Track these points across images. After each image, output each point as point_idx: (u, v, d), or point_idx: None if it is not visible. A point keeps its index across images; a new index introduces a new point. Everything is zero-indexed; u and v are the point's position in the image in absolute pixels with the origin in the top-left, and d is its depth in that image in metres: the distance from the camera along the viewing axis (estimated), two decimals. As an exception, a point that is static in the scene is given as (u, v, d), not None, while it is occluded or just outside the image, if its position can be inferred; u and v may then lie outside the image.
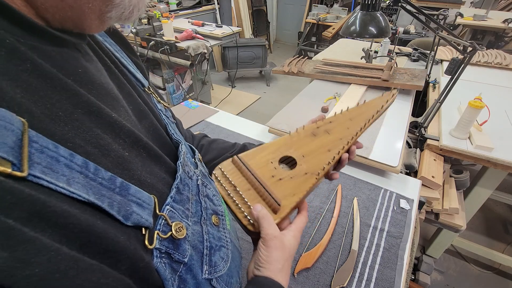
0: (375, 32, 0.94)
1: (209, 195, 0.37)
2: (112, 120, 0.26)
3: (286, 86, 3.71)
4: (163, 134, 0.35)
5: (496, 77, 1.64)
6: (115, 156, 0.24)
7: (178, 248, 0.27)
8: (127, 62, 0.38)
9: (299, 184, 0.43)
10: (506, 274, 1.59)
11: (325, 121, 0.53)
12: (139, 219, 0.24)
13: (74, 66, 0.25)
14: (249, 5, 4.30)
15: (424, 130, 1.19)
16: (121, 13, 0.25)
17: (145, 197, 0.25)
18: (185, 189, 0.32)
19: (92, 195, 0.20)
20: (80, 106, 0.23)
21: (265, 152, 0.48)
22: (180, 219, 0.29)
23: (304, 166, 0.46)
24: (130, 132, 0.27)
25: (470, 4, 3.51)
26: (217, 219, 0.36)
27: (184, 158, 0.35)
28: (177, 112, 1.28)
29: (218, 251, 0.33)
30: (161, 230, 0.26)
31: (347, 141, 0.49)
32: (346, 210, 0.82)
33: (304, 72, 1.47)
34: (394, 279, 0.64)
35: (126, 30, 2.49)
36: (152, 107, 0.36)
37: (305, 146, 0.49)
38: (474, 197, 1.26)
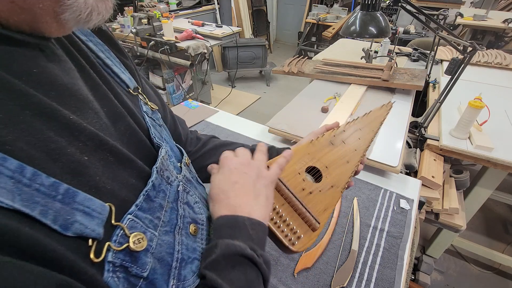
0: (375, 32, 0.94)
1: (189, 202, 0.36)
2: (70, 122, 0.24)
3: (286, 86, 3.72)
4: (141, 138, 0.34)
5: (496, 77, 1.64)
6: (68, 160, 0.23)
7: (137, 261, 0.25)
8: (114, 62, 0.37)
9: (328, 198, 0.45)
10: (506, 274, 1.59)
11: (340, 129, 0.57)
12: (83, 229, 0.22)
13: (28, 67, 0.24)
14: (249, 5, 4.30)
15: (424, 130, 1.19)
16: (78, 16, 0.24)
17: (97, 205, 0.24)
18: (159, 196, 0.30)
19: (18, 202, 0.19)
20: (29, 107, 0.22)
21: (291, 161, 0.48)
22: (143, 230, 0.27)
23: (329, 178, 0.48)
24: (93, 134, 0.26)
25: (470, 4, 3.51)
26: (195, 228, 0.34)
27: (163, 163, 0.33)
28: (177, 112, 1.27)
29: (190, 264, 0.31)
30: (117, 241, 0.24)
31: (362, 153, 0.54)
32: (346, 210, 0.82)
33: (304, 72, 1.47)
34: (394, 279, 0.64)
35: (126, 30, 2.49)
36: (133, 109, 0.34)
37: (326, 156, 0.52)
38: (474, 197, 1.26)
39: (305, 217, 0.41)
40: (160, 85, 2.59)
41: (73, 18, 0.24)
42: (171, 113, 0.54)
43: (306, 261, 0.67)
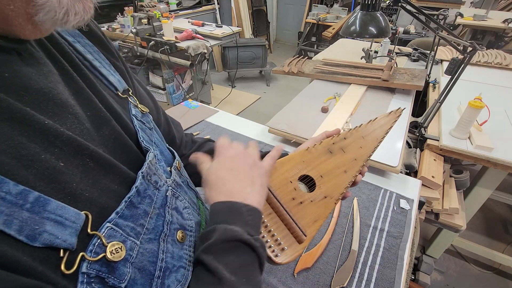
0: (375, 32, 0.94)
1: (178, 207, 0.35)
2: (45, 128, 0.23)
3: (286, 86, 3.72)
4: (127, 142, 0.32)
5: (496, 77, 1.64)
6: (41, 167, 0.22)
7: (114, 271, 0.24)
8: (102, 64, 0.36)
9: (319, 209, 0.43)
10: (506, 274, 1.59)
11: (340, 137, 0.54)
12: (53, 239, 0.21)
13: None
14: (249, 5, 4.30)
15: (424, 130, 1.19)
16: (53, 17, 0.23)
17: (70, 213, 0.23)
18: (144, 202, 0.30)
19: None
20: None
21: (284, 168, 0.46)
22: (123, 238, 0.26)
23: (323, 188, 0.46)
24: (71, 139, 0.25)
25: (470, 4, 3.52)
26: (183, 235, 0.33)
27: (151, 167, 0.32)
28: (177, 112, 1.28)
29: (174, 273, 0.31)
30: (93, 251, 0.24)
31: (362, 163, 0.50)
32: (346, 210, 0.82)
33: (304, 72, 1.47)
34: (394, 279, 0.64)
35: (126, 30, 2.49)
36: (119, 113, 0.33)
37: (322, 164, 0.49)
38: (474, 197, 1.26)
39: (291, 228, 0.39)
40: (160, 85, 2.59)
41: (49, 19, 0.24)
42: (165, 116, 0.53)
43: (306, 261, 0.67)
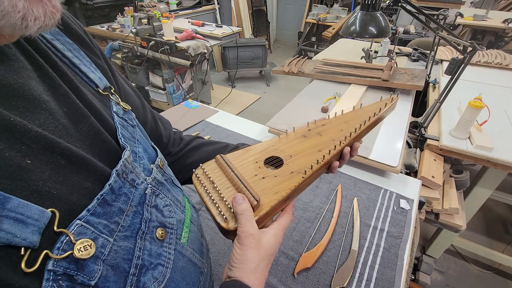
0: (375, 32, 0.94)
1: (158, 205, 0.35)
2: (10, 124, 0.23)
3: (286, 86, 3.72)
4: (106, 139, 0.32)
5: (496, 77, 1.64)
6: (5, 164, 0.22)
7: (83, 269, 0.24)
8: (82, 61, 0.36)
9: (283, 183, 0.42)
10: (506, 274, 1.59)
11: (318, 123, 0.52)
12: (10, 238, 0.21)
13: None
14: (249, 5, 4.30)
15: (424, 130, 1.19)
16: (12, 23, 0.22)
17: (33, 211, 0.22)
18: (119, 199, 0.29)
19: None
20: None
21: (251, 152, 0.47)
22: (94, 236, 0.26)
23: (291, 165, 0.44)
24: (40, 136, 0.25)
25: (470, 4, 3.52)
26: (162, 232, 0.33)
27: (126, 165, 0.32)
28: (177, 112, 1.28)
29: (151, 270, 0.31)
30: (61, 248, 0.23)
31: (340, 141, 0.48)
32: (346, 210, 0.82)
33: (304, 72, 1.47)
34: (394, 279, 0.64)
35: (126, 30, 2.49)
36: (98, 109, 0.33)
37: (294, 147, 0.48)
38: (474, 197, 1.26)
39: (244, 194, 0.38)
40: (160, 85, 2.59)
41: (7, 25, 0.23)
42: (152, 114, 0.53)
43: (306, 261, 0.67)
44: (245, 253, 0.34)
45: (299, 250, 0.70)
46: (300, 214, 0.80)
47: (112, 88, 0.39)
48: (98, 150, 0.31)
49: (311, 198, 0.85)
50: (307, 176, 0.43)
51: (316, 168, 0.44)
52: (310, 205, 0.83)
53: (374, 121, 0.52)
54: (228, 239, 0.38)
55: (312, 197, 0.86)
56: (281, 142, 0.49)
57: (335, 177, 0.93)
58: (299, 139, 0.49)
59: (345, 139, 0.48)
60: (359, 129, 0.50)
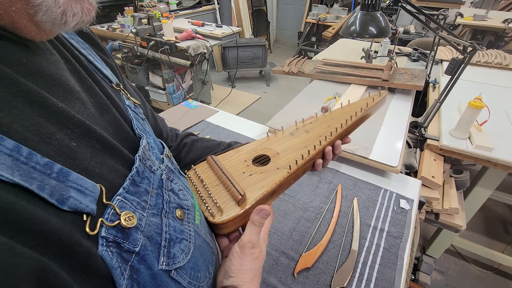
0: (375, 32, 0.94)
1: (174, 189, 0.37)
2: (58, 110, 0.26)
3: (286, 86, 3.72)
4: (125, 129, 0.35)
5: (496, 77, 1.64)
6: (59, 145, 0.25)
7: (128, 237, 0.27)
8: (95, 59, 0.38)
9: (268, 178, 0.43)
10: (506, 274, 1.59)
11: (306, 122, 0.54)
12: (78, 204, 0.24)
13: (18, 57, 0.26)
14: (249, 5, 4.30)
15: (424, 130, 1.19)
16: (52, 17, 0.25)
17: (88, 184, 0.25)
18: (144, 182, 0.32)
19: (18, 177, 0.20)
20: (20, 95, 0.23)
21: (241, 153, 0.49)
22: (132, 210, 0.29)
23: (277, 162, 0.46)
24: (80, 122, 0.27)
25: (470, 4, 3.52)
26: (181, 213, 0.36)
27: (145, 152, 0.35)
28: (177, 112, 1.28)
29: (178, 243, 0.34)
30: (108, 219, 0.26)
31: (325, 137, 0.48)
32: (346, 210, 0.82)
33: (304, 72, 1.47)
34: (394, 279, 0.64)
35: (126, 30, 2.49)
36: (117, 102, 0.36)
37: (282, 145, 0.49)
38: (474, 197, 1.26)
39: (230, 190, 0.41)
40: (160, 85, 2.59)
41: (48, 20, 0.25)
42: (151, 111, 0.56)
43: (306, 261, 0.67)
44: (244, 262, 0.36)
45: (299, 250, 0.70)
46: (300, 214, 0.80)
47: (120, 85, 0.42)
48: (120, 139, 0.33)
49: (311, 198, 0.85)
50: (292, 171, 0.44)
51: (301, 163, 0.45)
52: (310, 205, 0.83)
53: (361, 117, 0.53)
54: (214, 233, 0.41)
55: (312, 197, 0.86)
56: (270, 141, 0.51)
57: (335, 177, 0.93)
58: (287, 137, 0.51)
59: (331, 135, 0.49)
60: (345, 124, 0.50)
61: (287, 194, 0.86)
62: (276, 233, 0.74)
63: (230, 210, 0.40)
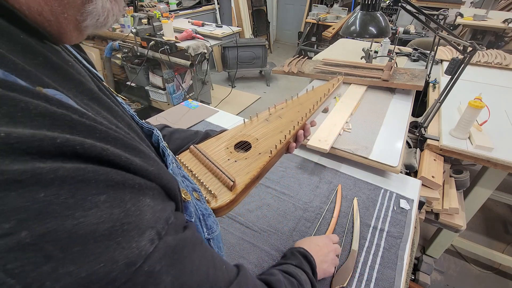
0: (375, 32, 0.94)
1: (185, 175, 0.40)
2: (109, 105, 0.27)
3: (286, 86, 3.72)
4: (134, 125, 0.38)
5: (496, 77, 1.64)
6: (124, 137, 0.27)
7: (187, 209, 0.31)
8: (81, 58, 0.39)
9: (253, 163, 0.47)
10: (506, 274, 1.59)
11: (277, 107, 0.59)
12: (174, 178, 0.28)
13: (67, 59, 0.27)
14: (249, 5, 4.30)
15: (424, 130, 1.19)
16: (96, 20, 0.26)
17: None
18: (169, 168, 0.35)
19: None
20: (85, 93, 0.25)
21: (221, 140, 0.52)
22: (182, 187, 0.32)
23: (258, 147, 0.50)
24: (123, 116, 0.29)
25: (470, 4, 3.52)
26: (197, 195, 0.39)
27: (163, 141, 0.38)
28: (177, 112, 1.28)
29: (208, 218, 0.38)
30: None
31: (297, 122, 0.54)
32: (346, 210, 0.82)
33: (304, 72, 1.47)
34: (394, 279, 0.64)
35: (126, 30, 2.49)
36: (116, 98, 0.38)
37: (259, 131, 0.54)
38: (474, 197, 1.26)
39: (222, 179, 0.44)
40: (160, 85, 2.59)
41: (92, 24, 0.26)
42: None
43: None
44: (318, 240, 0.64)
45: (299, 250, 0.70)
46: (300, 214, 0.80)
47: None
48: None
49: (311, 198, 0.85)
50: (273, 155, 0.49)
51: (280, 147, 0.50)
52: (310, 205, 0.83)
53: (324, 101, 0.61)
54: None
55: (312, 197, 0.86)
56: (247, 127, 0.55)
57: (335, 177, 0.93)
58: (263, 123, 0.56)
59: (302, 119, 0.55)
60: (313, 109, 0.58)
61: (287, 194, 0.86)
62: (276, 233, 0.74)
63: (224, 196, 0.43)
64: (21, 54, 0.20)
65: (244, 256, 0.68)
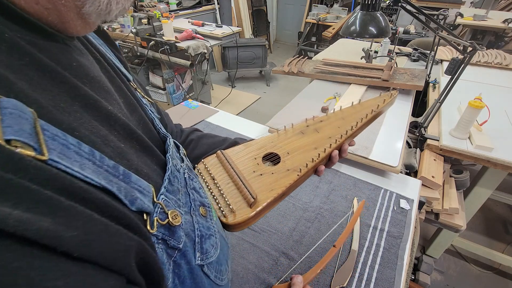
0: (375, 32, 0.94)
1: (195, 187, 0.38)
2: (108, 113, 0.26)
3: (286, 86, 3.72)
4: (152, 128, 0.36)
5: (496, 77, 1.64)
6: (115, 146, 0.25)
7: (174, 234, 0.28)
8: (112, 57, 0.38)
9: (279, 180, 0.43)
10: (506, 274, 1.59)
11: (316, 120, 0.53)
12: (142, 204, 0.25)
13: (69, 60, 0.26)
14: (249, 5, 4.30)
15: (424, 130, 1.19)
16: (98, 7, 0.24)
17: (145, 185, 0.26)
18: (175, 181, 0.33)
19: (103, 180, 0.21)
20: (78, 99, 0.24)
21: (250, 149, 0.48)
22: (174, 208, 0.30)
23: (287, 162, 0.46)
24: (125, 124, 0.28)
25: (470, 4, 3.51)
26: (204, 210, 0.37)
27: (173, 151, 0.36)
28: (177, 112, 1.28)
29: (208, 239, 0.35)
30: (157, 217, 0.27)
31: (335, 139, 0.48)
32: (346, 210, 0.82)
33: (304, 72, 1.47)
34: (394, 279, 0.64)
35: (126, 30, 2.49)
36: (140, 101, 0.37)
37: (292, 143, 0.49)
38: (474, 197, 1.26)
39: (243, 193, 0.41)
40: (160, 85, 2.59)
41: (94, 10, 0.24)
42: (157, 106, 0.56)
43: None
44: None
45: (299, 250, 0.70)
46: (300, 214, 0.80)
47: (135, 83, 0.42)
48: (148, 138, 0.33)
49: (311, 198, 0.85)
50: (302, 174, 0.44)
51: (311, 166, 0.45)
52: (310, 205, 0.83)
53: (371, 118, 0.52)
54: (226, 230, 0.42)
55: (312, 197, 0.86)
56: (280, 138, 0.50)
57: (335, 177, 0.93)
58: (297, 135, 0.50)
59: (341, 137, 0.48)
60: (355, 126, 0.49)
61: (287, 194, 0.86)
62: (276, 233, 0.74)
63: (242, 212, 0.40)
64: (6, 54, 0.20)
65: (244, 256, 0.68)
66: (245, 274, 0.64)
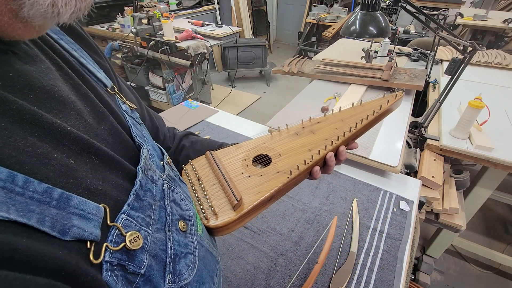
0: (375, 32, 0.94)
1: (176, 199, 0.36)
2: (53, 127, 0.24)
3: (286, 86, 3.71)
4: (125, 137, 0.33)
5: (496, 77, 1.64)
6: (57, 164, 0.23)
7: (133, 259, 0.26)
8: (88, 61, 0.36)
9: (267, 182, 0.41)
10: (506, 274, 1.58)
11: (313, 121, 0.50)
12: (81, 233, 0.22)
13: (3, 70, 0.23)
14: (249, 5, 4.30)
15: (424, 130, 1.19)
16: (42, 11, 0.22)
17: (91, 207, 0.24)
18: (147, 195, 0.30)
19: (14, 213, 0.18)
20: (9, 114, 0.21)
21: (241, 150, 0.46)
22: (138, 228, 0.27)
23: (278, 164, 0.43)
24: (77, 138, 0.25)
25: (470, 4, 3.51)
26: (184, 225, 0.34)
27: (146, 162, 0.33)
28: (177, 112, 1.27)
29: (183, 259, 0.32)
30: (113, 241, 0.25)
31: (332, 141, 0.44)
32: (346, 211, 0.81)
33: (304, 72, 1.47)
34: (393, 281, 0.64)
35: (126, 30, 2.49)
36: (114, 109, 0.34)
37: (285, 145, 0.46)
38: (474, 197, 1.26)
39: (227, 193, 0.39)
40: (160, 85, 2.59)
41: (38, 14, 0.22)
42: (147, 110, 0.53)
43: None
44: None
45: (297, 251, 0.70)
46: (299, 215, 0.80)
47: (115, 88, 0.39)
48: (119, 149, 0.31)
49: (310, 199, 0.85)
50: (293, 177, 0.41)
51: (303, 169, 0.42)
52: (309, 206, 0.83)
53: (373, 120, 0.48)
54: (210, 235, 0.39)
55: (311, 198, 0.85)
56: (273, 139, 0.48)
57: (335, 178, 0.93)
58: (291, 137, 0.48)
59: (338, 139, 0.45)
60: (354, 128, 0.46)
61: (286, 195, 0.86)
62: (275, 234, 0.74)
63: (225, 214, 0.38)
64: None
65: (242, 257, 0.68)
66: (243, 275, 0.64)
